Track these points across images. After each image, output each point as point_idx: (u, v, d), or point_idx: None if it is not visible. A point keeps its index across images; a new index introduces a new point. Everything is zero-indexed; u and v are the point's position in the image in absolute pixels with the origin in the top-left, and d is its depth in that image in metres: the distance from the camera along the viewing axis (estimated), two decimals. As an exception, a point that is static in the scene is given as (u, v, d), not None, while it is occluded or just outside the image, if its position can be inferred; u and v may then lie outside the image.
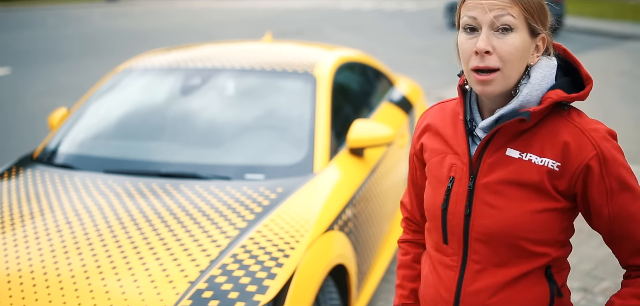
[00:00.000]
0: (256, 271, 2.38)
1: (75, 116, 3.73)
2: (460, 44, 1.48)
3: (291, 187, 2.97)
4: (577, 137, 1.45)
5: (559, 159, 1.46)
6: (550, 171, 1.46)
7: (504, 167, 1.49)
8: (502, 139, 1.50)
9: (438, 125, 1.64)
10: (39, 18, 22.88)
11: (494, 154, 1.51)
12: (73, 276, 2.37)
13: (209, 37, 15.34)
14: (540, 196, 1.47)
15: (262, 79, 3.70)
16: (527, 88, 1.47)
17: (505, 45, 1.42)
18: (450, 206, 1.55)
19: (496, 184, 1.49)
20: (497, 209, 1.49)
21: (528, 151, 1.48)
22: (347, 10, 24.63)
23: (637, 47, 14.37)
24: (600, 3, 22.79)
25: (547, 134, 1.48)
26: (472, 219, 1.52)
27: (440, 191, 1.58)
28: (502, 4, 1.41)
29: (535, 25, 1.45)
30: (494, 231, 1.49)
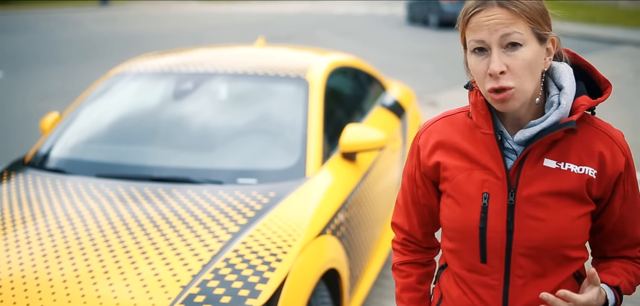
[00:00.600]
0: (248, 276, 2.38)
1: (68, 120, 3.73)
2: (472, 67, 1.47)
3: (284, 191, 2.98)
4: (609, 146, 1.51)
5: (596, 167, 1.49)
6: (590, 179, 1.49)
7: (544, 178, 1.49)
8: (539, 149, 1.50)
9: (453, 140, 1.60)
10: (32, 22, 22.82)
11: (533, 166, 1.50)
12: (65, 280, 2.36)
13: (202, 41, 15.34)
14: (578, 203, 1.49)
15: (255, 83, 3.71)
16: (564, 99, 1.48)
17: (518, 61, 1.42)
18: (489, 224, 1.52)
19: (538, 196, 1.49)
20: (541, 221, 1.49)
21: (565, 161, 1.49)
22: (340, 14, 24.67)
23: (629, 52, 14.45)
24: (592, 8, 22.90)
25: (581, 142, 1.50)
26: (515, 235, 1.50)
27: (473, 209, 1.54)
28: (507, 21, 1.41)
29: (542, 31, 1.45)
30: (539, 243, 1.49)
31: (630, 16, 20.19)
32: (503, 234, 1.51)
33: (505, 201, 1.51)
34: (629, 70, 12.00)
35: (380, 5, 28.71)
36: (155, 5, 30.70)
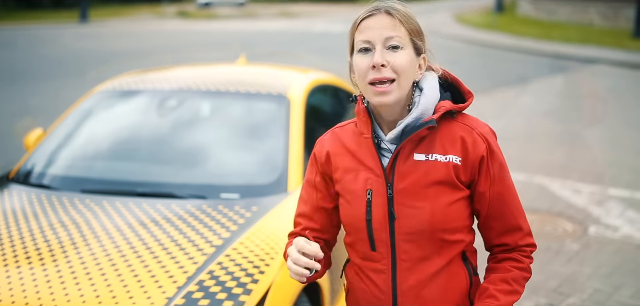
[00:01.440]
0: (232, 288, 2.44)
1: (52, 136, 3.77)
2: (356, 64, 1.70)
3: (266, 206, 3.05)
4: (470, 134, 1.71)
5: (460, 154, 1.70)
6: (455, 165, 1.70)
7: (415, 170, 1.70)
8: (408, 146, 1.71)
9: (342, 146, 1.82)
10: (10, 38, 22.68)
11: (405, 161, 1.71)
12: (51, 287, 2.41)
13: (183, 59, 15.37)
14: (449, 189, 1.70)
15: (237, 100, 3.78)
16: (423, 98, 1.72)
17: (398, 59, 1.66)
18: (374, 216, 1.73)
19: (412, 187, 1.70)
20: (418, 209, 1.69)
21: (432, 152, 1.71)
22: (319, 32, 24.83)
23: (602, 70, 14.71)
24: (566, 27, 23.25)
25: (444, 135, 1.72)
26: (396, 223, 1.71)
27: (360, 205, 1.75)
28: (391, 26, 1.67)
29: (419, 44, 1.72)
30: (418, 228, 1.70)
31: (604, 35, 20.53)
32: (386, 224, 1.72)
33: (385, 195, 1.72)
34: (603, 88, 12.23)
35: (359, 24, 28.91)
36: (135, 23, 30.66)
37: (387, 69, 1.66)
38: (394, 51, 1.67)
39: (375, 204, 1.73)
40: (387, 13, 1.68)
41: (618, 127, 9.12)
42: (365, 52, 1.69)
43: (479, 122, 1.76)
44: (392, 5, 1.71)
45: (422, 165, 1.70)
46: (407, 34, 1.69)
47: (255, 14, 37.45)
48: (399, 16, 1.68)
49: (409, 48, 1.69)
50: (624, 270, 4.58)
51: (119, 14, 36.08)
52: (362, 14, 1.71)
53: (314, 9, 41.49)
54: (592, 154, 7.61)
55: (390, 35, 1.67)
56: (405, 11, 1.71)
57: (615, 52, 16.95)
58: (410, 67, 1.69)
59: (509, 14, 29.62)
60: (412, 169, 1.71)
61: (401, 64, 1.66)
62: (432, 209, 1.69)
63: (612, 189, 6.35)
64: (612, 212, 5.72)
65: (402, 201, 1.71)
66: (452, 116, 1.74)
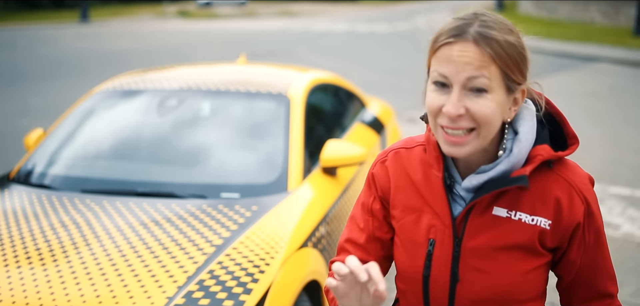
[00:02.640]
0: (232, 287, 2.45)
1: (52, 136, 3.78)
2: (428, 97, 1.37)
3: (266, 205, 3.05)
4: (568, 193, 1.39)
5: (551, 217, 1.39)
6: (543, 230, 1.39)
7: (492, 228, 1.40)
8: (488, 198, 1.40)
9: (407, 176, 1.51)
10: (10, 39, 22.70)
11: (481, 215, 1.41)
12: (51, 287, 2.41)
13: (183, 59, 15.37)
14: (529, 256, 1.40)
15: (237, 100, 3.79)
16: (517, 147, 1.38)
17: (480, 107, 1.31)
18: (433, 273, 1.44)
19: (485, 248, 1.40)
20: (487, 274, 1.40)
21: (517, 209, 1.39)
22: (320, 32, 24.83)
23: (603, 69, 14.71)
24: (567, 25, 23.25)
25: (536, 190, 1.39)
26: (458, 286, 1.42)
27: (418, 255, 1.45)
28: (478, 63, 1.30)
29: (514, 80, 1.34)
30: (485, 297, 1.41)
31: (605, 33, 20.53)
32: (446, 285, 1.43)
33: (451, 250, 1.42)
34: (603, 86, 12.22)
35: (360, 23, 28.94)
36: (136, 22, 30.67)
37: (464, 119, 1.32)
38: (477, 95, 1.31)
39: (437, 258, 1.43)
40: (475, 43, 1.30)
41: (618, 125, 9.12)
42: (440, 87, 1.34)
43: (579, 174, 1.42)
44: (485, 29, 1.31)
45: (503, 223, 1.39)
46: (499, 73, 1.31)
47: (256, 13, 37.48)
48: (491, 48, 1.29)
49: (499, 90, 1.32)
50: (624, 268, 4.58)
51: (120, 14, 36.10)
52: (444, 36, 1.33)
53: (315, 8, 41.52)
54: (592, 152, 7.60)
55: (474, 75, 1.30)
56: (504, 39, 1.31)
57: (616, 50, 16.95)
58: (496, 115, 1.33)
59: (510, 13, 29.61)
60: (488, 226, 1.39)
61: (483, 114, 1.31)
62: (505, 277, 1.39)
63: (612, 188, 6.34)
64: (613, 210, 5.71)
65: (470, 263, 1.40)
66: (548, 166, 1.41)
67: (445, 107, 1.32)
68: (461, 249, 1.41)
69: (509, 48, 1.32)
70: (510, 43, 1.32)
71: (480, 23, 1.32)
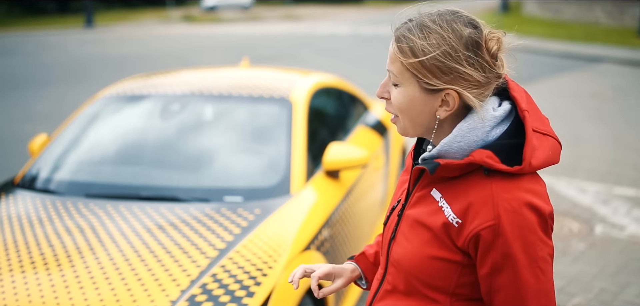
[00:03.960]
0: (235, 290, 2.45)
1: (56, 141, 3.79)
2: None
3: (269, 208, 3.05)
4: (483, 202, 1.40)
5: (461, 216, 1.42)
6: (450, 225, 1.43)
7: (424, 205, 1.51)
8: (429, 177, 1.52)
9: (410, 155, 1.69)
10: (15, 45, 22.79)
11: (422, 189, 1.53)
12: (55, 292, 2.42)
13: (187, 63, 15.41)
14: (438, 244, 1.46)
15: (240, 104, 3.79)
16: (446, 139, 1.45)
17: (394, 96, 1.49)
18: (387, 225, 1.65)
19: (412, 219, 1.52)
20: (407, 241, 1.53)
21: (446, 199, 1.46)
22: (323, 35, 24.84)
23: (608, 70, 14.68)
24: (572, 26, 23.21)
25: (462, 189, 1.44)
26: (393, 243, 1.58)
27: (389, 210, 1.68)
28: (390, 59, 1.48)
29: (426, 81, 1.43)
30: (401, 262, 1.54)
31: (610, 34, 20.48)
32: (388, 239, 1.61)
33: (398, 212, 1.61)
34: (608, 87, 12.20)
35: (364, 26, 28.96)
36: (140, 27, 30.76)
37: (388, 104, 1.53)
38: (393, 86, 1.49)
39: (392, 215, 1.63)
40: (396, 38, 1.47)
41: (623, 126, 9.10)
42: None
43: (516, 193, 1.39)
44: (405, 31, 1.45)
45: (432, 204, 1.49)
46: (404, 70, 1.44)
47: (260, 16, 37.53)
48: (399, 50, 1.45)
49: (410, 85, 1.45)
50: (630, 268, 4.57)
51: (124, 19, 36.20)
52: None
53: (319, 12, 41.54)
54: (597, 153, 7.59)
55: (388, 68, 1.50)
56: (415, 44, 1.42)
57: (621, 51, 16.91)
58: (410, 106, 1.47)
59: (515, 14, 29.59)
60: (422, 201, 1.52)
61: (398, 101, 1.48)
62: (414, 251, 1.50)
63: (617, 188, 6.33)
64: (618, 211, 5.70)
65: (403, 227, 1.55)
66: (485, 173, 1.42)
67: None
68: (403, 213, 1.58)
69: (420, 51, 1.42)
70: (423, 47, 1.42)
71: (407, 26, 1.47)
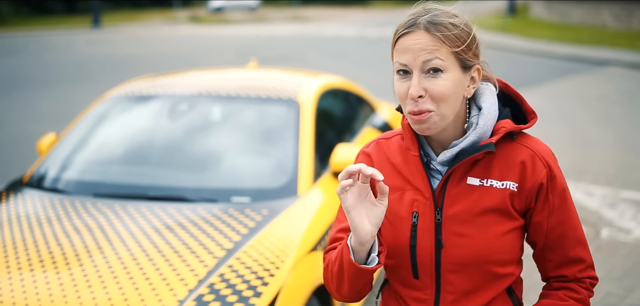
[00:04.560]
0: (243, 290, 2.46)
1: (64, 141, 3.81)
2: (395, 87, 1.52)
3: (276, 209, 3.06)
4: (531, 158, 1.54)
5: (517, 180, 1.53)
6: (511, 192, 1.53)
7: (468, 196, 1.54)
8: (462, 169, 1.55)
9: (388, 161, 1.64)
10: (23, 44, 22.89)
11: (457, 185, 1.55)
12: (63, 290, 2.44)
13: (194, 64, 15.45)
14: (504, 218, 1.53)
15: (248, 105, 3.81)
16: (482, 120, 1.54)
17: (437, 86, 1.47)
18: (418, 243, 1.56)
19: (463, 214, 1.53)
20: (468, 238, 1.53)
21: (488, 177, 1.54)
22: (330, 37, 24.86)
23: (615, 73, 14.64)
24: (579, 29, 23.16)
25: (503, 158, 1.55)
26: (443, 252, 1.54)
27: (403, 228, 1.58)
28: (430, 47, 1.46)
29: (467, 60, 1.51)
30: (467, 259, 1.53)
31: (617, 37, 20.41)
32: (432, 252, 1.55)
33: (433, 220, 1.55)
34: (614, 90, 12.17)
35: (370, 27, 28.97)
36: (147, 28, 30.84)
37: (425, 100, 1.48)
38: (434, 75, 1.47)
39: (421, 228, 1.56)
40: (426, 30, 1.47)
41: (630, 129, 9.08)
42: (403, 75, 1.50)
43: (541, 144, 1.59)
44: (433, 17, 1.49)
45: (476, 190, 1.54)
46: (451, 53, 1.47)
47: (267, 18, 37.59)
48: (441, 33, 1.47)
49: (454, 68, 1.49)
50: (636, 272, 4.56)
51: (131, 19, 36.30)
52: (400, 29, 1.51)
53: (325, 13, 41.57)
54: (604, 156, 7.57)
55: (428, 58, 1.46)
56: (449, 22, 1.49)
57: (629, 54, 16.85)
58: (453, 91, 1.49)
59: (522, 17, 29.54)
60: (464, 194, 1.54)
61: (441, 91, 1.47)
62: (483, 239, 1.52)
63: (624, 192, 6.32)
64: (625, 215, 5.69)
65: (452, 228, 1.54)
66: (511, 138, 1.57)
67: (410, 91, 1.48)
68: (442, 217, 1.55)
69: (457, 30, 1.48)
70: (457, 26, 1.49)
71: (428, 14, 1.50)
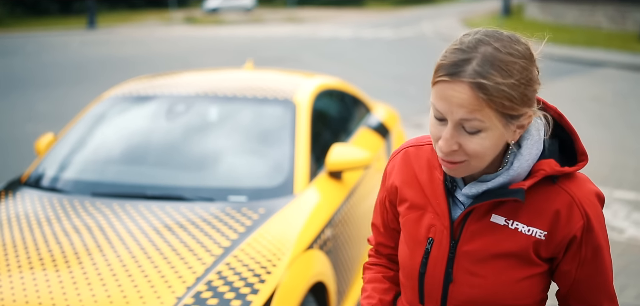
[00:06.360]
0: (240, 287, 2.50)
1: (62, 141, 3.84)
2: (430, 124, 1.39)
3: (272, 208, 3.10)
4: (568, 205, 1.38)
5: (547, 228, 1.39)
6: (537, 241, 1.40)
7: (489, 235, 1.42)
8: (487, 205, 1.42)
9: (414, 175, 1.56)
10: (19, 45, 22.87)
11: (479, 221, 1.43)
12: (64, 290, 2.47)
13: (189, 65, 15.47)
14: (523, 265, 1.41)
15: (244, 105, 3.84)
16: (518, 161, 1.39)
17: (472, 144, 1.32)
18: (428, 270, 1.48)
19: (480, 252, 1.42)
20: (480, 278, 1.43)
21: (515, 219, 1.40)
22: (326, 38, 24.89)
23: (608, 74, 14.71)
24: (573, 30, 23.24)
25: (536, 202, 1.40)
26: (452, 287, 1.46)
27: (417, 252, 1.50)
28: (471, 107, 1.28)
29: (513, 114, 1.31)
30: (475, 300, 1.44)
31: (611, 38, 20.51)
32: (440, 284, 1.47)
33: (447, 251, 1.46)
34: (609, 91, 12.24)
35: (365, 29, 29.01)
36: (143, 29, 30.83)
37: (458, 153, 1.34)
38: (471, 134, 1.31)
39: (433, 256, 1.47)
40: (470, 86, 1.26)
41: (624, 130, 9.14)
42: (439, 120, 1.35)
43: (585, 189, 1.40)
44: (483, 68, 1.27)
45: (499, 231, 1.41)
46: (495, 114, 1.28)
47: (262, 19, 37.61)
48: (485, 94, 1.26)
49: (495, 126, 1.31)
50: (629, 271, 4.61)
51: (127, 20, 36.28)
52: (441, 71, 1.31)
53: (320, 14, 41.61)
54: (598, 157, 7.63)
55: (467, 118, 1.29)
56: (501, 82, 1.26)
57: (622, 55, 16.95)
58: (492, 150, 1.34)
59: (516, 18, 29.63)
60: (485, 232, 1.42)
61: (475, 150, 1.32)
62: (497, 283, 1.41)
63: (617, 192, 6.37)
64: (618, 214, 5.74)
65: (464, 265, 1.44)
66: (552, 181, 1.40)
67: (439, 143, 1.35)
68: (456, 251, 1.45)
69: (509, 89, 1.28)
70: (511, 85, 1.28)
71: (480, 60, 1.28)
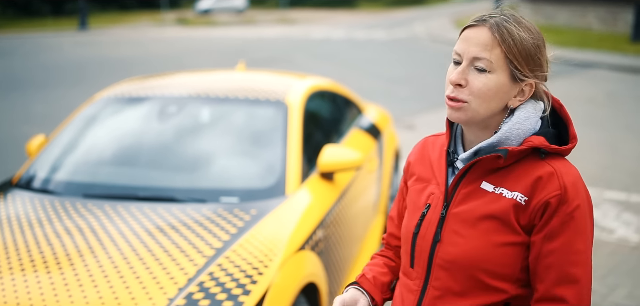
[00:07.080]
0: (232, 288, 2.50)
1: (54, 142, 3.84)
2: (448, 72, 1.54)
3: (264, 209, 3.11)
4: (549, 174, 1.46)
5: (528, 193, 1.47)
6: (518, 205, 1.47)
7: (477, 199, 1.52)
8: (478, 172, 1.54)
9: (426, 154, 1.69)
10: (9, 47, 22.78)
11: (469, 185, 1.54)
12: (55, 292, 2.47)
13: (181, 66, 15.44)
14: (505, 229, 1.48)
15: (236, 106, 3.85)
16: (507, 125, 1.50)
17: (478, 82, 1.47)
18: (421, 231, 1.59)
19: (466, 214, 1.52)
20: (463, 238, 1.51)
21: (501, 185, 1.50)
22: (318, 39, 24.90)
23: (600, 75, 14.78)
24: (564, 32, 23.33)
25: (522, 171, 1.49)
26: (438, 246, 1.55)
27: (415, 217, 1.62)
28: (485, 45, 1.46)
29: (520, 71, 1.47)
30: (457, 259, 1.52)
31: (603, 39, 20.59)
32: (429, 243, 1.57)
33: (439, 213, 1.57)
34: (600, 92, 12.29)
35: (358, 30, 29.03)
36: (135, 30, 30.77)
37: (463, 91, 1.49)
38: (479, 72, 1.47)
39: (427, 220, 1.59)
40: (490, 29, 1.47)
41: (615, 131, 9.19)
42: (456, 65, 1.51)
43: (569, 167, 1.50)
44: (503, 20, 1.48)
45: (487, 196, 1.51)
46: (503, 57, 1.46)
47: (255, 20, 37.59)
48: (500, 35, 1.46)
49: (501, 73, 1.47)
50: (619, 271, 4.64)
51: (119, 22, 36.20)
52: (470, 21, 1.52)
53: (313, 16, 41.62)
54: (589, 157, 7.66)
55: (478, 55, 1.46)
56: (515, 32, 1.46)
57: (614, 56, 17.02)
58: (493, 93, 1.48)
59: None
60: (474, 196, 1.53)
61: (479, 89, 1.47)
62: (477, 244, 1.50)
63: (608, 192, 6.40)
64: (608, 215, 5.77)
65: (452, 226, 1.54)
66: (540, 155, 1.50)
67: (451, 77, 1.50)
68: (447, 213, 1.56)
69: (520, 41, 1.46)
70: (523, 38, 1.47)
71: (502, 17, 1.49)
